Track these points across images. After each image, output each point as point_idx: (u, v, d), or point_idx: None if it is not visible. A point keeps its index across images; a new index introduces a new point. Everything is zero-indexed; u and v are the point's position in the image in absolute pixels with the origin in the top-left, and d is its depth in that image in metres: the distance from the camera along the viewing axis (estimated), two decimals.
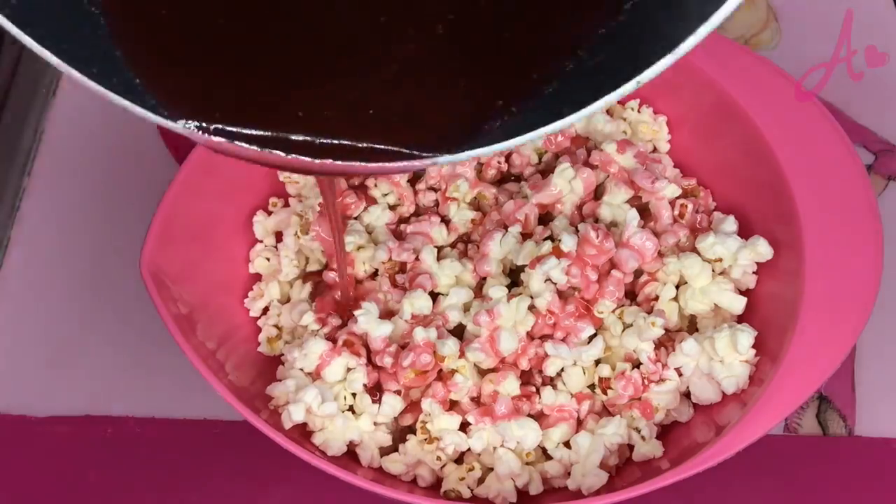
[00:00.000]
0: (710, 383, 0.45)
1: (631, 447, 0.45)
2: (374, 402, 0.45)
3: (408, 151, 0.27)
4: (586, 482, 0.43)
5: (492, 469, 0.44)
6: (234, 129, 0.27)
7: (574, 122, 0.26)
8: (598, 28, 0.28)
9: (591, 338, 0.46)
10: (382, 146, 0.27)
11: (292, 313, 0.49)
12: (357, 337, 0.46)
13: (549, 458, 0.45)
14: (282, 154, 0.27)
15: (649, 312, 0.46)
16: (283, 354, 0.48)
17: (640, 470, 0.44)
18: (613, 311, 0.46)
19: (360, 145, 0.27)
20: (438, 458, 0.44)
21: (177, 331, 0.43)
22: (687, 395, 0.46)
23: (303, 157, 0.27)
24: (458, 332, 0.47)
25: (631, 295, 0.48)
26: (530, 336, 0.46)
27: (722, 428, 0.42)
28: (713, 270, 0.47)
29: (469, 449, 0.44)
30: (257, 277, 0.52)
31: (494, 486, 0.44)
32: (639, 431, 0.45)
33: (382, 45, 0.29)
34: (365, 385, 0.45)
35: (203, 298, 0.47)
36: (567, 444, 0.45)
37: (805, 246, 0.44)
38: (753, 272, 0.47)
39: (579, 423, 0.46)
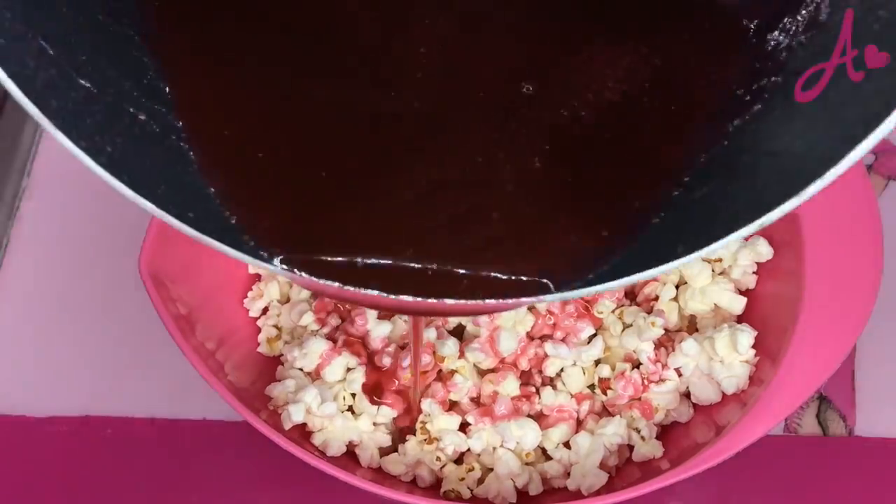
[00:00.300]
0: (710, 383, 0.45)
1: (631, 447, 0.45)
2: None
3: (516, 286, 0.26)
4: (586, 482, 0.43)
5: (491, 469, 0.44)
6: (341, 266, 0.25)
7: (680, 265, 0.23)
8: (700, 154, 0.26)
9: (590, 338, 0.46)
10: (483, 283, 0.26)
11: (292, 313, 0.49)
12: (357, 337, 0.46)
13: (548, 458, 0.45)
14: (406, 298, 0.24)
15: (649, 312, 0.46)
16: (282, 354, 0.48)
17: (640, 470, 0.44)
18: (613, 311, 0.46)
19: (461, 283, 0.26)
20: (438, 459, 0.44)
21: (177, 331, 0.43)
22: (687, 395, 0.46)
23: (425, 300, 0.25)
24: (458, 332, 0.47)
25: (631, 295, 0.48)
26: (530, 336, 0.46)
27: (722, 428, 0.42)
28: (713, 270, 0.47)
29: (469, 449, 0.44)
30: (257, 277, 0.52)
31: (494, 486, 0.44)
32: (639, 431, 0.45)
33: (479, 188, 0.27)
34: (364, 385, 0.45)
35: (203, 298, 0.47)
36: (567, 445, 0.45)
37: (805, 246, 0.44)
38: (753, 272, 0.47)
39: (579, 424, 0.45)
